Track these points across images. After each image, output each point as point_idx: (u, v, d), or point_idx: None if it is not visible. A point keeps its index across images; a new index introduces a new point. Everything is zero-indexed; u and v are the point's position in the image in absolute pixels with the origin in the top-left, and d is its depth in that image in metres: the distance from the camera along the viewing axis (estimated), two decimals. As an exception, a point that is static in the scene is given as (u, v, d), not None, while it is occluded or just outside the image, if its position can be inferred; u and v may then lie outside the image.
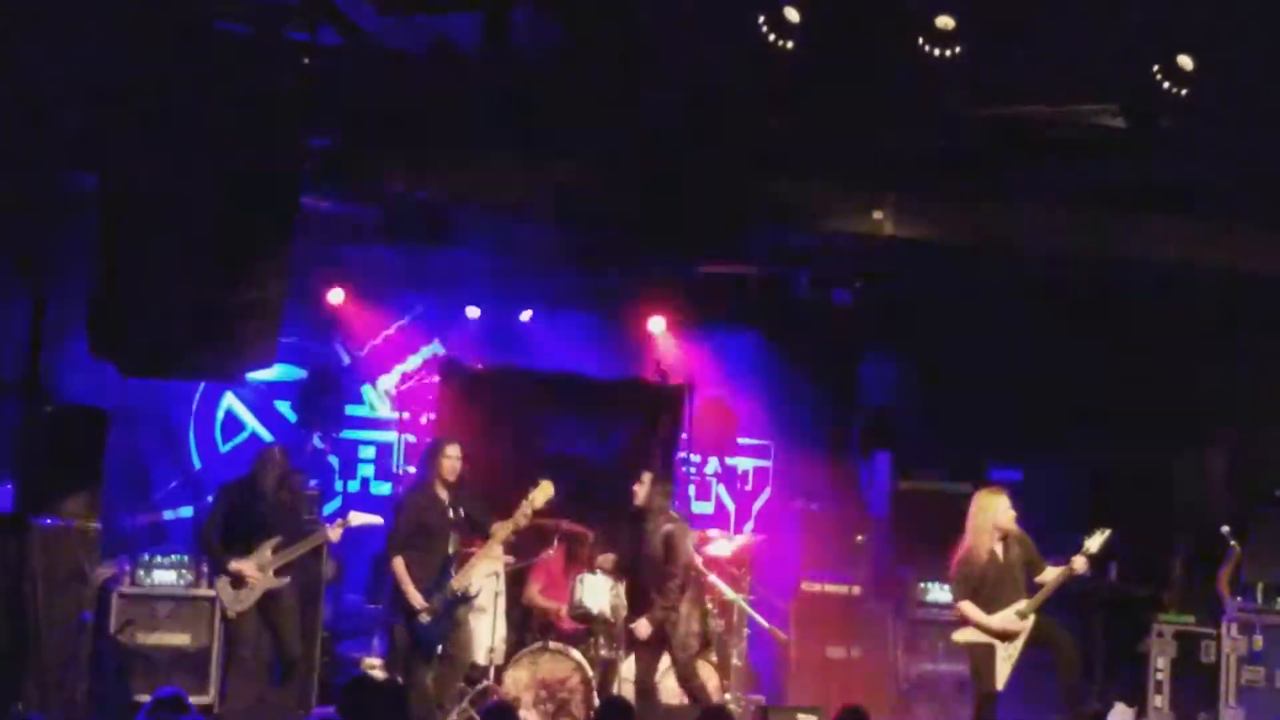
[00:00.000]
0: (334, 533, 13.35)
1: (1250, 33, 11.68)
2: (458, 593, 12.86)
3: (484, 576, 13.49)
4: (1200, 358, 15.45)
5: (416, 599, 12.74)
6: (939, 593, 15.36)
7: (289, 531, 13.12)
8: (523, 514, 12.98)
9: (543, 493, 13.08)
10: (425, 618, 12.77)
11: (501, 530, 13.03)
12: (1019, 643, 12.39)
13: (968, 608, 12.44)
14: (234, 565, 12.84)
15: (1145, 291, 15.49)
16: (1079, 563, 12.41)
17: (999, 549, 12.50)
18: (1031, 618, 12.39)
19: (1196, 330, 15.38)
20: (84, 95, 11.98)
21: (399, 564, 12.83)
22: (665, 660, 13.15)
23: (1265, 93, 12.05)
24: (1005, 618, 12.38)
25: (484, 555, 13.15)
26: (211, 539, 13.03)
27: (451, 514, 12.98)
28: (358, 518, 13.62)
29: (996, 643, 12.39)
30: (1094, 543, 12.46)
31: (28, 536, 12.70)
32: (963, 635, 12.59)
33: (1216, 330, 15.28)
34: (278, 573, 12.99)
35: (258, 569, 12.89)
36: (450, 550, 12.96)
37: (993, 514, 12.50)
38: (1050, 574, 12.52)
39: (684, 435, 16.32)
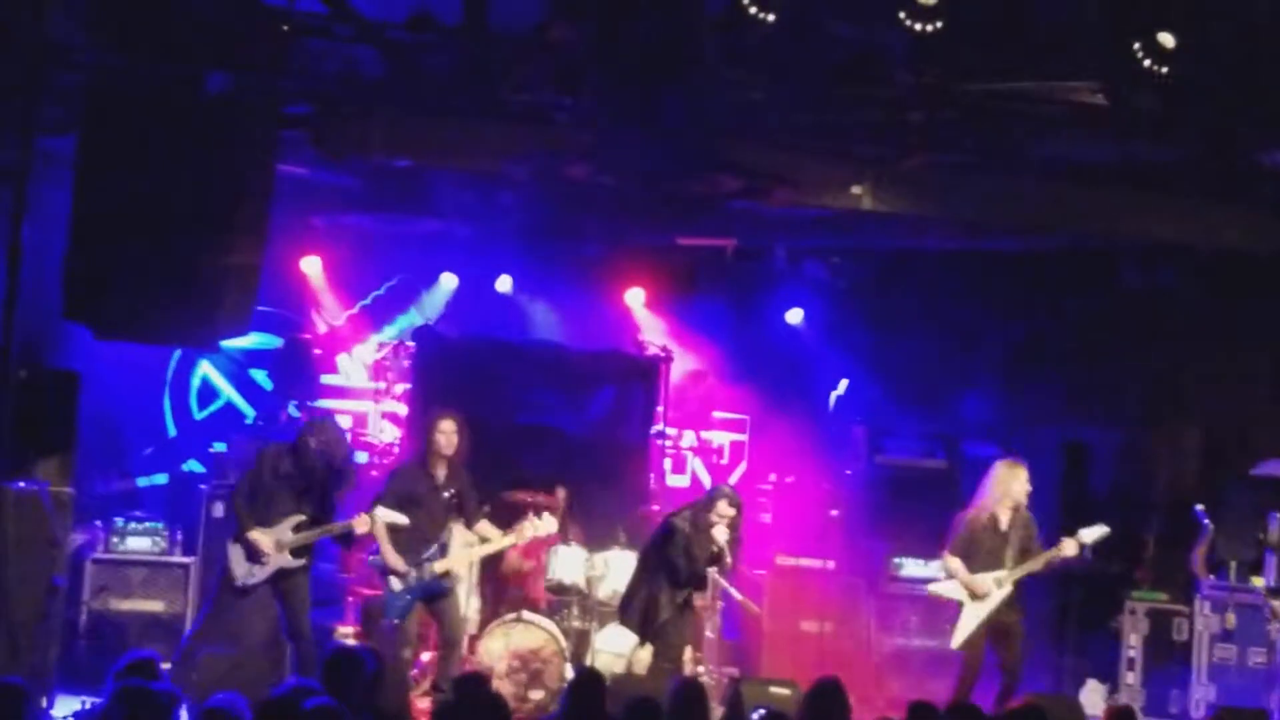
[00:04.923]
0: (363, 524, 12.67)
1: (1232, 12, 11.71)
2: (438, 574, 12.87)
3: (465, 566, 13.49)
4: (1177, 336, 15.48)
5: (395, 560, 12.72)
6: (913, 567, 15.45)
7: (316, 512, 12.67)
8: (511, 538, 13.23)
9: (545, 527, 13.28)
10: (397, 584, 12.78)
11: (486, 546, 13.19)
12: (987, 607, 12.64)
13: (951, 561, 12.78)
14: (252, 535, 12.47)
15: (1123, 267, 15.52)
16: (1069, 546, 12.63)
17: (1004, 519, 12.75)
18: (1008, 589, 12.61)
19: (1174, 308, 15.41)
20: (63, 60, 11.93)
21: (380, 527, 12.74)
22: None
23: (1248, 71, 12.06)
24: (983, 579, 12.66)
25: (464, 546, 13.18)
26: (242, 501, 12.64)
27: (446, 493, 12.93)
28: (385, 514, 12.81)
29: (966, 601, 12.69)
30: (1089, 533, 12.73)
31: (0, 500, 12.64)
32: (937, 587, 13.07)
33: (1194, 309, 15.30)
34: (294, 553, 12.56)
35: (275, 546, 12.49)
36: (443, 532, 12.95)
37: (1007, 484, 12.76)
38: (1039, 558, 12.77)
39: (660, 408, 16.32)
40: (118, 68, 11.28)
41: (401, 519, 12.88)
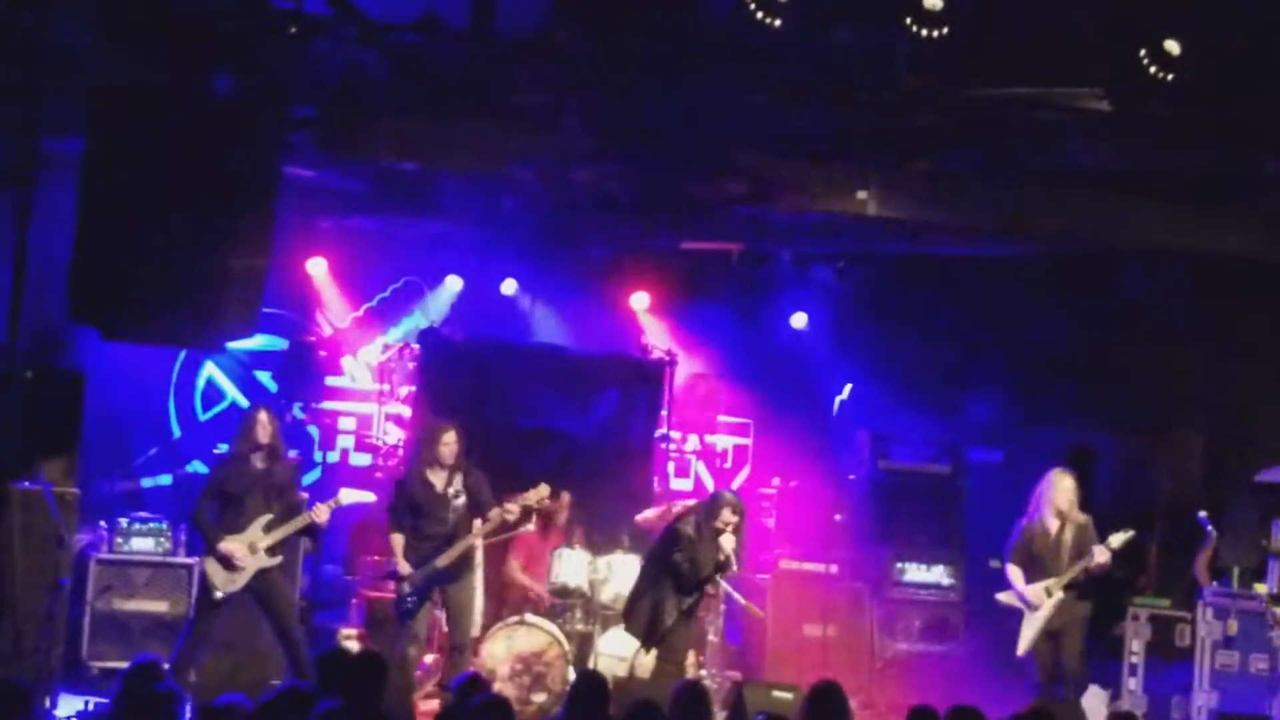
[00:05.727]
0: (322, 514, 12.77)
1: (1237, 17, 11.70)
2: (439, 568, 12.89)
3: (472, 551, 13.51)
4: (1181, 341, 15.48)
5: (402, 566, 12.89)
6: (916, 572, 15.48)
7: (280, 508, 12.73)
8: (508, 511, 13.11)
9: (537, 494, 13.30)
10: (405, 587, 12.90)
11: (487, 525, 13.14)
12: (1042, 616, 13.04)
13: (1012, 570, 13.22)
14: (226, 547, 12.48)
15: (1128, 274, 15.52)
16: (1101, 553, 12.96)
17: (1052, 526, 13.12)
18: (1058, 595, 13.03)
19: (1178, 314, 15.41)
20: (69, 60, 11.94)
21: (396, 539, 13.01)
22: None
23: (1252, 77, 12.06)
24: (1035, 590, 13.08)
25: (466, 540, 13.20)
26: (207, 517, 12.66)
27: (451, 497, 13.00)
28: (349, 495, 13.19)
29: (1026, 609, 13.11)
30: (1117, 539, 13.00)
31: (5, 500, 12.65)
32: (1003, 596, 13.38)
33: (1198, 314, 15.30)
34: (269, 552, 12.62)
35: (249, 550, 12.53)
36: (451, 530, 12.99)
37: (1049, 493, 13.15)
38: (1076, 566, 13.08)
39: (664, 411, 16.32)
40: (122, 69, 11.28)
41: (366, 496, 13.33)
